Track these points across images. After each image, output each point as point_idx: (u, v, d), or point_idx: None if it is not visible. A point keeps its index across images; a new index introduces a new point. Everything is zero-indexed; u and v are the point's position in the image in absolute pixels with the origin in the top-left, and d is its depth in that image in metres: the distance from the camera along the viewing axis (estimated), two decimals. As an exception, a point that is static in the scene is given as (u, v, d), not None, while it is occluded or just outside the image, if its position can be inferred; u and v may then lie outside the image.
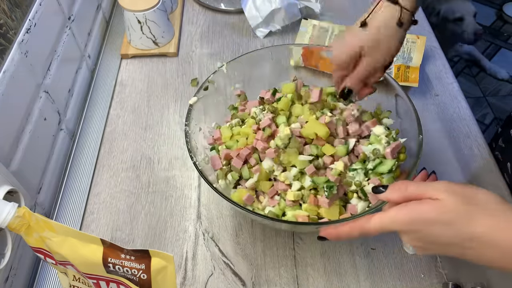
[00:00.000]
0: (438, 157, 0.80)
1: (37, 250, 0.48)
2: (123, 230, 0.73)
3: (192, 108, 0.70)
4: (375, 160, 0.63)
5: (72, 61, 0.90)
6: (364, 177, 0.62)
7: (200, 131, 0.71)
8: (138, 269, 0.45)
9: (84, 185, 0.79)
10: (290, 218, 0.62)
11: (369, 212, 0.58)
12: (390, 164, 0.61)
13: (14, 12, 0.68)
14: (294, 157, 0.62)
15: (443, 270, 0.67)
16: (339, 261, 0.68)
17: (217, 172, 0.67)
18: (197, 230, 0.72)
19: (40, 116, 0.74)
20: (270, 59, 0.78)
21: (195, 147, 0.67)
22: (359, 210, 0.61)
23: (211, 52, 1.01)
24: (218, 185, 0.66)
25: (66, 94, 0.86)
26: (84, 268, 0.47)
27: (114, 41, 1.05)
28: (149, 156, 0.82)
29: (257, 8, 1.01)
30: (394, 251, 0.69)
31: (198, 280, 0.67)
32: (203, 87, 0.72)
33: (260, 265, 0.68)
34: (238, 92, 0.76)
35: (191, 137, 0.66)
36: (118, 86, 0.95)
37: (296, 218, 0.61)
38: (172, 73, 0.97)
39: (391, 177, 0.62)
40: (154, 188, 0.78)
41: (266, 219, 0.59)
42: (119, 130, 0.87)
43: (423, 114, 0.86)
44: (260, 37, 1.04)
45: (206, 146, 0.72)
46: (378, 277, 0.66)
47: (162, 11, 0.96)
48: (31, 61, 0.72)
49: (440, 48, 1.00)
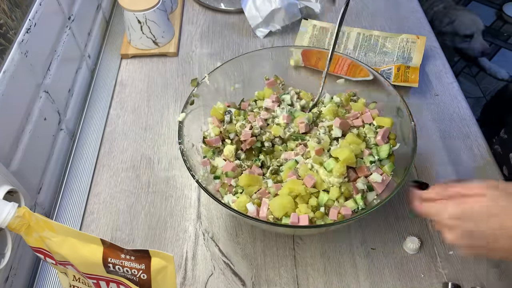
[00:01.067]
0: (438, 157, 0.80)
1: (37, 250, 0.48)
2: (123, 230, 0.73)
3: (182, 125, 0.67)
4: (372, 148, 0.66)
5: (72, 61, 0.90)
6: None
7: (193, 147, 0.70)
8: (138, 269, 0.45)
9: (84, 185, 0.79)
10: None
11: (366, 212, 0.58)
12: (386, 149, 0.65)
13: (14, 12, 0.68)
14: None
15: (443, 270, 0.67)
16: (339, 261, 0.68)
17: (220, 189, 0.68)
18: (197, 230, 0.72)
19: (40, 116, 0.74)
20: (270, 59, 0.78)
21: (194, 164, 0.66)
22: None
23: (211, 52, 1.01)
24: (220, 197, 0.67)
25: (66, 94, 0.86)
26: (84, 268, 0.47)
27: (114, 41, 1.05)
28: (149, 156, 0.82)
29: (257, 8, 1.01)
30: (394, 251, 0.69)
31: (198, 280, 0.67)
32: (189, 101, 0.70)
33: (260, 265, 0.68)
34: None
35: (187, 155, 0.65)
36: (118, 86, 0.95)
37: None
38: (172, 73, 0.97)
39: (392, 164, 0.65)
40: (154, 188, 0.78)
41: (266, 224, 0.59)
42: (119, 130, 0.87)
43: (423, 114, 0.87)
44: (260, 37, 1.04)
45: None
46: (378, 277, 0.66)
47: (162, 11, 0.95)
48: (31, 61, 0.72)
49: (440, 48, 1.00)
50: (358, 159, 0.64)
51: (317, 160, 0.64)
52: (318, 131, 0.69)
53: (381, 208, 0.72)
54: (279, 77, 0.78)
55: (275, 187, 0.64)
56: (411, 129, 0.64)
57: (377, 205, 0.59)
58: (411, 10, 1.09)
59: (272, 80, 0.78)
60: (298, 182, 0.62)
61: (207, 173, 0.69)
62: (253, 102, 0.76)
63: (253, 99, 0.78)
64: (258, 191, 0.64)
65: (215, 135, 0.71)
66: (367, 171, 0.64)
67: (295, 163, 0.66)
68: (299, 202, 0.61)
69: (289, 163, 0.66)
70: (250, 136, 0.69)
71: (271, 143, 0.70)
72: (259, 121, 0.69)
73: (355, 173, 0.64)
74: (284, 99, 0.74)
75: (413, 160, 0.61)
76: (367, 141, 0.68)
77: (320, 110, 0.73)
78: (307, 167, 0.64)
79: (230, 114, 0.72)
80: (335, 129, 0.68)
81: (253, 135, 0.69)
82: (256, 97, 0.78)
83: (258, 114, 0.71)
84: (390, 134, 0.69)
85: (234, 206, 0.62)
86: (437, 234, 0.70)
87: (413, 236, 0.69)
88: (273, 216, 0.61)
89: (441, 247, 0.69)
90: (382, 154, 0.66)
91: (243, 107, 0.76)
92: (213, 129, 0.71)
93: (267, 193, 0.64)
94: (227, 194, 0.66)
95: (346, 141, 0.65)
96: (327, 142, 0.66)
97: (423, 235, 0.70)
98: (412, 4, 1.11)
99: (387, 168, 0.65)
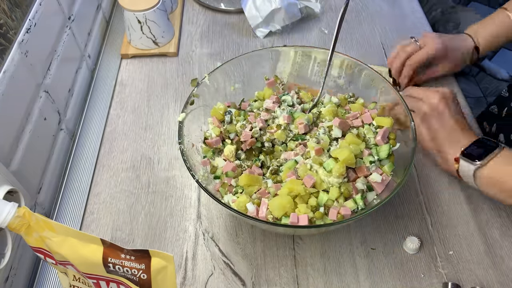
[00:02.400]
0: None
1: (37, 250, 0.48)
2: (123, 230, 0.73)
3: (182, 125, 0.67)
4: (372, 148, 0.66)
5: (72, 61, 0.90)
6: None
7: (193, 147, 0.70)
8: (138, 269, 0.45)
9: (84, 185, 0.79)
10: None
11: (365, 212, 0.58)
12: (386, 149, 0.66)
13: (14, 12, 0.68)
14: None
15: (443, 270, 0.67)
16: (339, 261, 0.68)
17: (220, 189, 0.68)
18: (197, 230, 0.72)
19: (40, 116, 0.74)
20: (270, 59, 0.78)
21: (193, 164, 0.66)
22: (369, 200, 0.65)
23: (211, 52, 1.01)
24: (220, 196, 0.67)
25: (66, 94, 0.86)
26: (84, 268, 0.47)
27: (114, 41, 1.05)
28: (149, 156, 0.82)
29: (257, 8, 1.01)
30: (394, 251, 0.69)
31: (198, 280, 0.67)
32: (189, 101, 0.70)
33: (260, 265, 0.68)
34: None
35: (187, 154, 0.65)
36: (118, 86, 0.95)
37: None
38: (172, 73, 0.97)
39: (391, 164, 0.65)
40: (154, 188, 0.78)
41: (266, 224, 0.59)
42: (119, 130, 0.87)
43: (423, 114, 0.87)
44: (260, 37, 1.04)
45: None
46: (378, 277, 0.66)
47: (162, 11, 0.96)
48: (31, 61, 0.72)
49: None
50: (357, 159, 0.64)
51: (317, 160, 0.64)
52: (318, 131, 0.69)
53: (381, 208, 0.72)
54: (279, 77, 0.78)
55: (275, 187, 0.64)
56: (411, 129, 0.64)
57: (377, 205, 0.58)
58: (411, 10, 1.09)
59: (272, 80, 0.78)
60: (297, 182, 0.62)
61: (207, 173, 0.69)
62: (253, 102, 0.76)
63: (253, 99, 0.78)
64: (258, 191, 0.64)
65: (216, 136, 0.71)
66: (367, 171, 0.64)
67: (294, 163, 0.66)
68: (298, 202, 0.61)
69: (289, 163, 0.66)
70: (250, 137, 0.69)
71: (271, 143, 0.70)
72: (259, 122, 0.69)
73: (354, 173, 0.64)
74: (285, 100, 0.74)
75: (413, 160, 0.61)
76: (366, 141, 0.68)
77: (320, 110, 0.73)
78: (306, 167, 0.64)
79: (230, 115, 0.72)
80: (335, 129, 0.68)
81: (253, 136, 0.69)
82: (256, 97, 0.78)
83: (259, 115, 0.71)
84: (390, 134, 0.69)
85: (234, 206, 0.62)
86: (437, 234, 0.70)
87: (413, 236, 0.69)
88: (272, 216, 0.61)
89: (441, 247, 0.69)
90: (382, 154, 0.66)
91: (243, 107, 0.76)
92: (213, 130, 0.71)
93: (267, 193, 0.64)
94: (227, 194, 0.66)
95: (345, 141, 0.65)
96: (326, 142, 0.66)
97: (423, 235, 0.70)
98: (412, 4, 1.11)
99: (386, 168, 0.65)
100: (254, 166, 0.68)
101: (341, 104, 0.75)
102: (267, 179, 0.66)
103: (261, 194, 0.64)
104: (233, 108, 0.75)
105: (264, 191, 0.64)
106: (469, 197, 0.75)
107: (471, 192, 0.75)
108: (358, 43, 1.02)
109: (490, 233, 0.70)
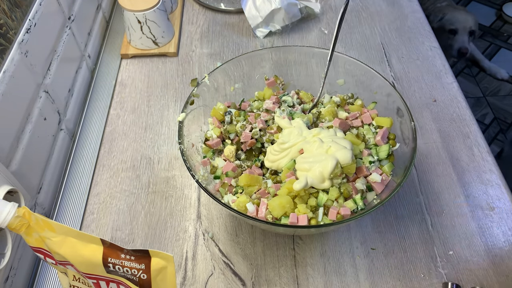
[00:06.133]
0: (438, 157, 0.80)
1: (37, 250, 0.48)
2: (123, 230, 0.73)
3: (182, 125, 0.67)
4: (372, 149, 0.67)
5: (72, 61, 0.90)
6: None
7: (193, 147, 0.70)
8: (138, 269, 0.45)
9: (84, 185, 0.79)
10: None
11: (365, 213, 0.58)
12: (386, 149, 0.66)
13: (14, 12, 0.68)
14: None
15: (443, 270, 0.67)
16: (339, 261, 0.68)
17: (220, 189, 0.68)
18: (197, 230, 0.72)
19: (40, 116, 0.74)
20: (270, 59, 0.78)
21: (193, 164, 0.66)
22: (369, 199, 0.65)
23: (211, 52, 1.01)
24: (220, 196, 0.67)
25: (66, 94, 0.86)
26: (84, 268, 0.47)
27: (114, 41, 1.05)
28: (149, 156, 0.82)
29: (257, 8, 1.01)
30: (394, 251, 0.69)
31: (198, 280, 0.67)
32: (189, 101, 0.70)
33: (260, 265, 0.68)
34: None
35: (187, 154, 0.65)
36: (118, 86, 0.95)
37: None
38: (172, 73, 0.97)
39: (391, 164, 0.65)
40: (154, 188, 0.78)
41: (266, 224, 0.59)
42: (119, 130, 0.87)
43: (423, 114, 0.87)
44: (260, 37, 1.04)
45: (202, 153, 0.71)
46: (378, 277, 0.66)
47: (162, 11, 0.96)
48: (31, 61, 0.72)
49: (439, 48, 1.00)
50: (357, 159, 0.64)
51: None
52: None
53: (381, 208, 0.72)
54: (279, 77, 0.78)
55: (274, 187, 0.64)
56: (411, 129, 0.64)
57: (377, 205, 0.58)
58: (411, 10, 1.09)
59: (272, 80, 0.78)
60: None
61: (207, 173, 0.69)
62: (253, 102, 0.76)
63: (253, 99, 0.78)
64: (257, 191, 0.64)
65: (217, 136, 0.71)
66: (367, 171, 0.64)
67: (294, 163, 0.66)
68: (298, 202, 0.61)
69: (288, 163, 0.66)
70: (250, 138, 0.69)
71: (271, 143, 0.70)
72: (259, 123, 0.69)
73: (354, 173, 0.64)
74: (285, 100, 0.74)
75: (413, 160, 0.61)
76: (366, 142, 0.68)
77: (320, 110, 0.73)
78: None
79: (230, 115, 0.72)
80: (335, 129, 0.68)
81: (253, 137, 0.69)
82: (256, 97, 0.78)
83: (259, 115, 0.71)
84: (390, 134, 0.69)
85: (234, 206, 0.62)
86: (437, 234, 0.70)
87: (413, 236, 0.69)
88: (272, 216, 0.61)
89: (441, 247, 0.69)
90: (382, 155, 0.66)
91: (243, 107, 0.76)
92: (213, 130, 0.71)
93: (266, 193, 0.64)
94: (227, 194, 0.66)
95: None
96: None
97: (423, 235, 0.70)
98: (412, 4, 1.11)
99: (386, 168, 0.65)
100: (254, 166, 0.68)
101: (340, 104, 0.75)
102: (267, 179, 0.66)
103: (260, 194, 0.64)
104: (233, 108, 0.75)
105: (264, 191, 0.64)
106: (469, 197, 0.75)
107: (471, 192, 0.75)
108: (358, 43, 1.02)
109: (490, 233, 0.70)
